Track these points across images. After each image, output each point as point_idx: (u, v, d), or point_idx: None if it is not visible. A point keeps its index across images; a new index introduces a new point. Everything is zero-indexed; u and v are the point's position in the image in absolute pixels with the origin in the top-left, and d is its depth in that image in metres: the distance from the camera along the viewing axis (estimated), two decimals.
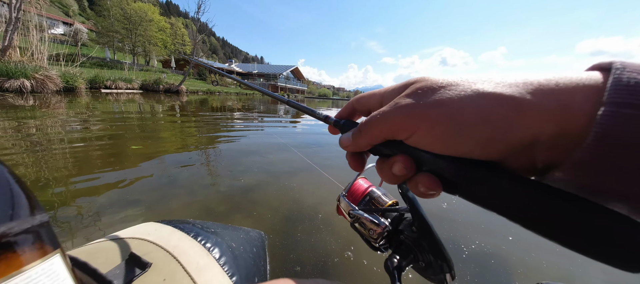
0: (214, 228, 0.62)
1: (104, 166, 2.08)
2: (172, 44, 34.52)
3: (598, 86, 0.14)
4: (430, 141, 0.18)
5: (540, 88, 0.15)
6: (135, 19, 28.07)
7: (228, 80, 38.22)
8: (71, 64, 10.77)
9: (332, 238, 1.28)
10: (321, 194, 1.79)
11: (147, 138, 3.20)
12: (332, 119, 0.28)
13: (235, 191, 1.76)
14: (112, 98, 9.27)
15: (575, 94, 0.14)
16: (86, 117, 4.47)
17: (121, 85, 13.07)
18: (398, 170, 0.20)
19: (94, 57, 24.87)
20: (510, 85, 0.16)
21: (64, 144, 2.63)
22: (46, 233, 0.17)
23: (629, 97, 0.12)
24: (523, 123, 0.15)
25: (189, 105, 8.61)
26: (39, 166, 1.95)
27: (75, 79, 9.92)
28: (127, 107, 6.66)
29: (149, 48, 30.82)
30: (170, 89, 16.07)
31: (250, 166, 2.31)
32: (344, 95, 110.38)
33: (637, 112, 0.12)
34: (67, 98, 7.49)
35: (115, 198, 1.55)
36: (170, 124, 4.52)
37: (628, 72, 0.13)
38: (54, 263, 0.16)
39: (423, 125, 0.17)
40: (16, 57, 8.74)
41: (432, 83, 0.18)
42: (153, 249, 0.45)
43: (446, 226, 1.46)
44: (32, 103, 5.72)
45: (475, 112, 0.16)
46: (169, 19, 37.47)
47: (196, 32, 16.64)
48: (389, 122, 0.19)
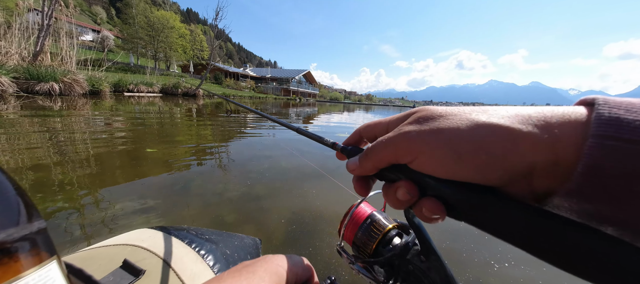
0: (209, 235, 0.62)
1: (119, 170, 2.08)
2: (191, 49, 35.84)
3: (583, 120, 0.15)
4: (432, 166, 0.19)
5: (531, 121, 0.16)
6: (157, 27, 29.46)
7: (242, 84, 39.11)
8: (97, 69, 11.39)
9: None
10: (330, 200, 1.68)
11: (162, 142, 3.24)
12: (340, 146, 0.29)
13: (246, 200, 1.69)
14: (134, 101, 9.67)
15: (564, 127, 0.15)
16: (107, 118, 4.64)
17: (143, 88, 13.65)
18: (402, 195, 0.21)
19: (119, 62, 26.30)
20: (503, 116, 0.17)
21: (77, 145, 2.69)
22: (43, 239, 0.17)
23: (610, 130, 0.14)
24: (518, 151, 0.16)
25: (205, 108, 8.81)
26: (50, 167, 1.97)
27: (101, 83, 10.46)
28: (147, 109, 6.89)
29: (170, 54, 32.17)
30: (188, 93, 16.62)
31: (262, 172, 2.24)
32: (355, 98, 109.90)
33: (618, 143, 0.13)
34: (93, 101, 7.88)
35: (129, 204, 1.52)
36: (187, 127, 4.59)
37: (608, 108, 0.15)
38: (50, 269, 0.16)
39: (425, 149, 0.19)
40: (47, 62, 9.33)
41: (432, 112, 0.20)
42: (147, 256, 0.44)
43: (448, 228, 1.31)
44: (59, 105, 6.04)
45: (472, 140, 0.17)
46: (189, 26, 39.03)
47: (214, 37, 17.14)
48: (393, 147, 0.21)
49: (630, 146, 0.13)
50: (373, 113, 15.94)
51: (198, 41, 37.76)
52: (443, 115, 0.19)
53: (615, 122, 0.14)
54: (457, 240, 1.37)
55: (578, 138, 0.15)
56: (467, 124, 0.18)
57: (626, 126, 0.13)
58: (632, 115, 0.14)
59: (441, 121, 0.19)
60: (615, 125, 0.14)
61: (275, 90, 48.58)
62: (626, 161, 0.13)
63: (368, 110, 21.17)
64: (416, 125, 0.20)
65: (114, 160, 2.30)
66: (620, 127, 0.14)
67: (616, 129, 0.14)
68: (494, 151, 0.16)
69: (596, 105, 0.15)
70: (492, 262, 1.21)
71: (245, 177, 2.10)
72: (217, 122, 5.44)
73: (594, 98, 0.16)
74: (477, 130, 0.17)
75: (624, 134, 0.13)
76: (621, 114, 0.14)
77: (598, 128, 0.14)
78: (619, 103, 0.15)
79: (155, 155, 2.56)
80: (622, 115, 0.14)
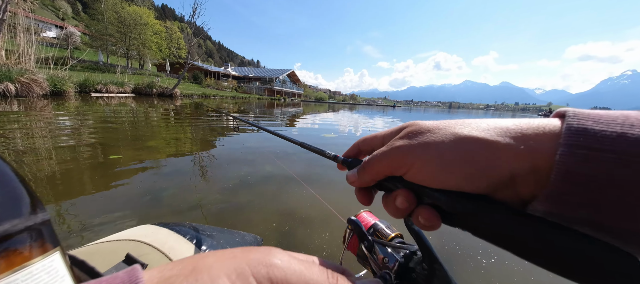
0: (210, 231, 0.63)
1: (77, 180, 1.84)
2: (167, 47, 34.14)
3: (556, 131, 0.17)
4: (424, 177, 0.21)
5: (510, 133, 0.18)
6: (129, 23, 27.71)
7: (224, 84, 37.92)
8: (60, 67, 10.43)
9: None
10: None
11: (130, 147, 2.96)
12: (341, 158, 0.31)
13: (226, 211, 1.54)
14: (102, 102, 8.96)
15: (539, 138, 0.17)
16: (70, 120, 4.20)
17: (112, 89, 12.74)
18: (400, 203, 0.22)
19: (87, 60, 24.47)
20: (484, 129, 0.19)
21: (26, 155, 2.37)
22: (47, 230, 0.17)
23: (579, 139, 0.15)
24: (499, 161, 0.18)
25: (183, 109, 8.35)
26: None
27: (64, 83, 9.59)
28: (117, 110, 6.38)
29: (144, 52, 30.42)
30: (163, 93, 15.77)
31: (244, 181, 2.09)
32: (340, 98, 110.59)
33: (586, 151, 0.15)
34: (55, 102, 7.18)
35: (88, 221, 1.32)
36: (159, 131, 4.28)
37: (577, 119, 0.16)
38: (54, 260, 0.16)
39: (416, 162, 0.21)
40: (1, 60, 8.40)
41: (421, 127, 0.22)
42: (149, 251, 0.45)
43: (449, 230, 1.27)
44: (16, 108, 5.42)
45: (457, 152, 0.19)
46: (164, 23, 37.13)
47: (191, 35, 16.40)
48: (387, 160, 0.23)
49: (597, 153, 0.14)
50: (357, 112, 16.06)
51: (175, 39, 36.08)
52: (430, 129, 0.21)
53: (583, 132, 0.15)
54: (455, 240, 1.32)
55: (552, 147, 0.16)
56: (451, 138, 0.19)
57: (593, 136, 0.15)
58: (599, 125, 0.15)
59: (429, 135, 0.21)
60: (583, 135, 0.15)
61: (259, 90, 47.64)
62: (593, 166, 0.14)
63: (353, 109, 21.31)
64: (407, 139, 0.22)
65: (71, 169, 2.04)
66: (587, 136, 0.15)
67: (584, 139, 0.15)
68: (477, 161, 0.18)
69: (567, 117, 0.17)
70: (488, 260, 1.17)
71: (223, 186, 1.94)
72: (197, 124, 5.14)
73: (565, 110, 0.18)
74: (461, 143, 0.19)
75: (592, 143, 0.15)
76: (589, 125, 0.15)
77: (568, 138, 0.15)
78: (587, 115, 0.16)
79: (120, 161, 2.32)
80: (590, 126, 0.15)
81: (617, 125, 0.15)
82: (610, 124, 0.15)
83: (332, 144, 4.16)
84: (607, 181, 0.14)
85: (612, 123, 0.15)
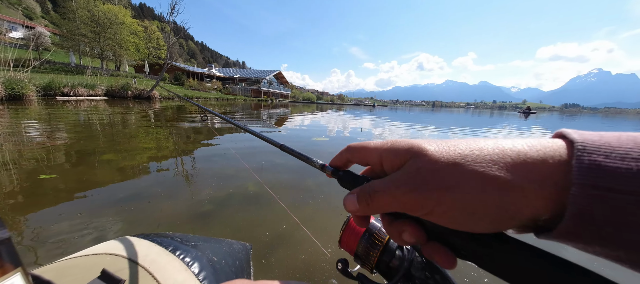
0: (195, 242, 0.60)
1: (11, 201, 1.43)
2: (146, 47, 32.60)
3: (564, 159, 0.16)
4: (444, 221, 0.19)
5: (527, 166, 0.17)
6: (103, 22, 26.20)
7: (207, 85, 36.72)
8: (21, 69, 9.48)
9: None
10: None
11: (75, 162, 2.53)
12: (330, 168, 0.28)
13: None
14: (70, 106, 8.17)
15: (550, 169, 0.16)
16: (8, 129, 3.65)
17: (81, 91, 11.82)
18: (408, 238, 0.21)
19: (57, 61, 22.82)
20: (503, 167, 0.17)
21: None
22: (6, 250, 0.16)
23: (592, 177, 0.15)
24: (527, 207, 0.17)
25: (163, 112, 7.75)
26: None
27: (23, 85, 8.71)
28: (81, 116, 5.76)
29: (120, 53, 28.86)
30: (140, 95, 14.87)
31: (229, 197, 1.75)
32: (327, 98, 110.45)
33: (602, 192, 0.14)
34: (11, 108, 6.41)
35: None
36: (120, 138, 3.81)
37: (588, 154, 0.15)
38: (14, 282, 0.15)
39: (436, 208, 0.18)
40: None
41: (431, 159, 0.19)
42: (127, 266, 0.43)
43: None
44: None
45: (484, 201, 0.17)
46: (143, 22, 35.44)
47: (170, 33, 15.57)
48: (400, 201, 0.20)
49: (613, 195, 0.14)
50: (346, 112, 15.87)
51: (154, 39, 34.56)
52: (446, 164, 0.18)
53: (595, 168, 0.15)
54: None
55: (564, 182, 0.16)
56: (474, 182, 0.17)
57: (607, 175, 0.14)
58: (611, 160, 0.15)
59: (446, 177, 0.18)
60: (596, 173, 0.15)
61: (245, 91, 46.57)
62: (610, 208, 0.14)
63: (340, 109, 21.13)
64: (421, 180, 0.19)
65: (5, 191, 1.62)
66: (601, 175, 0.14)
67: (598, 178, 0.14)
68: (507, 210, 0.17)
69: (575, 149, 0.16)
70: None
71: (197, 207, 1.60)
72: (175, 129, 4.68)
73: (568, 133, 0.18)
74: (488, 190, 0.17)
75: (607, 182, 0.14)
76: (601, 161, 0.15)
77: (580, 177, 0.15)
78: (597, 146, 0.16)
79: (51, 184, 1.91)
80: (603, 162, 0.15)
81: (632, 161, 0.14)
82: (624, 158, 0.15)
83: (322, 151, 3.85)
84: (624, 224, 0.14)
85: (626, 158, 0.15)
